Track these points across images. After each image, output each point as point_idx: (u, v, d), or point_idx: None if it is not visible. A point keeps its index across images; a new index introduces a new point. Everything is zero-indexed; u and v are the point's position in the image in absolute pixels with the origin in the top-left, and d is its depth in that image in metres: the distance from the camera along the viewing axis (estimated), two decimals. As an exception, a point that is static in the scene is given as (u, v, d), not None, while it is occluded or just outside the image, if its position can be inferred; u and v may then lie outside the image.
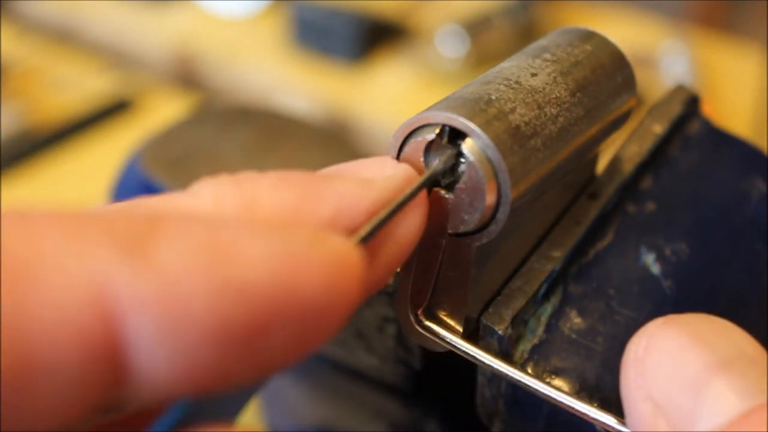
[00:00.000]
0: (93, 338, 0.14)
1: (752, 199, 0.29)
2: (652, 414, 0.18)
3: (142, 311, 0.14)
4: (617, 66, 0.25)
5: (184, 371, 0.15)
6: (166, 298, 0.14)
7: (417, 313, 0.23)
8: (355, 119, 1.10)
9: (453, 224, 0.22)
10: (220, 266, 0.15)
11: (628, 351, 0.19)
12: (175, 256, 0.15)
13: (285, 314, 0.15)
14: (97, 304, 0.14)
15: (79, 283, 0.14)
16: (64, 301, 0.14)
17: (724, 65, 1.17)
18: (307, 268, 0.16)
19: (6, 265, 0.14)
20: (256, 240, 0.15)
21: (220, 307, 0.15)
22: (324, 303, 0.16)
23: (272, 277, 0.15)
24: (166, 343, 0.14)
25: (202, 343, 0.15)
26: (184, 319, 0.14)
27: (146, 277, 0.14)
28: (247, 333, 0.15)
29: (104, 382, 0.14)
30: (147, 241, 0.15)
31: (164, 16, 1.29)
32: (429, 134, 0.21)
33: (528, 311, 0.24)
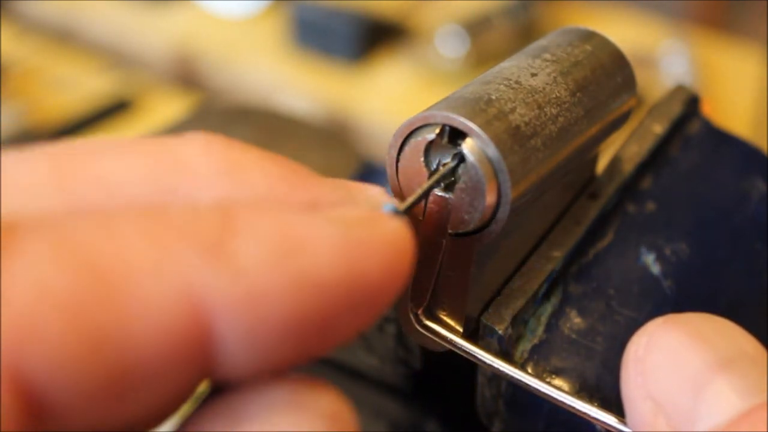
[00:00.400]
0: (186, 339, 0.15)
1: (752, 199, 0.29)
2: (653, 413, 0.18)
3: (228, 310, 0.15)
4: (617, 66, 0.25)
5: (265, 359, 0.16)
6: (249, 295, 0.15)
7: (417, 313, 0.23)
8: (355, 119, 1.10)
9: (453, 224, 0.22)
10: (293, 259, 0.15)
11: (629, 350, 0.19)
12: (252, 253, 0.15)
13: (353, 298, 0.16)
14: (188, 307, 0.15)
15: (170, 288, 0.14)
16: (159, 308, 0.14)
17: (724, 65, 1.17)
18: (371, 251, 0.16)
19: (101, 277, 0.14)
20: (323, 228, 0.16)
21: (296, 299, 0.15)
22: (385, 283, 0.16)
23: (341, 265, 0.16)
24: (251, 337, 0.15)
25: (281, 334, 0.15)
26: (266, 313, 0.15)
27: (229, 277, 0.15)
28: (321, 320, 0.16)
29: (195, 376, 0.15)
30: (224, 239, 0.15)
31: (164, 16, 1.29)
32: (429, 134, 0.21)
33: (528, 311, 0.24)
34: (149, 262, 0.14)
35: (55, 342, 0.13)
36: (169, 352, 0.14)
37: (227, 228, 0.15)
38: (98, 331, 0.14)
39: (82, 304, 0.14)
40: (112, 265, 0.14)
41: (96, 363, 0.14)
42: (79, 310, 0.14)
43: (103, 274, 0.14)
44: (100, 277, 0.14)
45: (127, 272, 0.14)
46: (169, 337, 0.14)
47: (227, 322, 0.15)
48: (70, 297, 0.14)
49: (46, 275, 0.14)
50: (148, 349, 0.14)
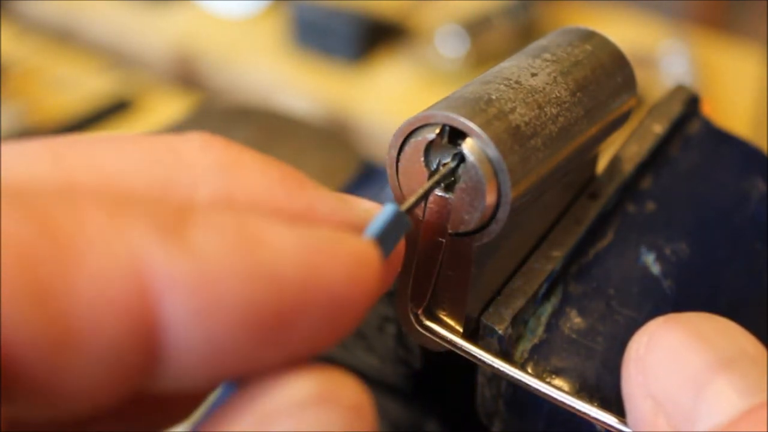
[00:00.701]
0: (131, 312, 0.14)
1: (752, 199, 0.29)
2: (653, 412, 0.18)
3: (177, 290, 0.15)
4: (617, 66, 0.25)
5: (214, 353, 0.15)
6: (201, 278, 0.15)
7: (417, 313, 0.23)
8: (355, 119, 1.10)
9: (453, 224, 0.22)
10: (252, 252, 0.15)
11: (630, 349, 0.19)
12: (210, 240, 0.15)
13: (310, 303, 0.16)
14: (136, 280, 0.14)
15: (120, 258, 0.14)
16: (106, 275, 0.14)
17: (724, 65, 1.17)
18: (332, 259, 0.16)
19: (53, 237, 0.14)
20: (285, 230, 0.16)
21: (251, 290, 0.15)
22: (346, 295, 0.16)
23: (300, 266, 0.16)
24: (199, 322, 0.15)
25: (232, 325, 0.15)
26: (217, 300, 0.15)
27: (183, 258, 0.15)
28: (275, 318, 0.15)
29: (139, 358, 0.15)
30: (183, 224, 0.15)
31: (164, 16, 1.29)
32: (429, 134, 0.21)
33: (528, 311, 0.24)
34: (102, 229, 0.14)
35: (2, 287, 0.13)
36: (112, 323, 0.14)
37: (187, 216, 0.15)
38: (43, 281, 0.14)
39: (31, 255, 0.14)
40: (66, 226, 0.14)
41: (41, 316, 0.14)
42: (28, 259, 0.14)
43: (55, 231, 0.14)
44: (51, 232, 0.14)
45: (79, 233, 0.14)
46: (112, 306, 0.14)
47: (175, 300, 0.15)
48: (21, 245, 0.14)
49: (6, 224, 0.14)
50: (90, 313, 0.14)
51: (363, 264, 0.17)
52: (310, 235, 0.16)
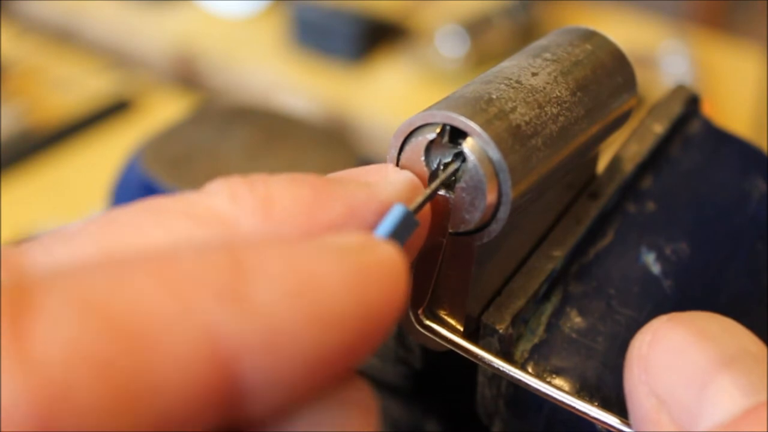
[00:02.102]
0: (212, 385, 0.15)
1: (752, 199, 0.29)
2: (656, 409, 0.18)
3: (249, 351, 0.15)
4: (618, 65, 0.25)
5: (288, 396, 0.16)
6: (269, 335, 0.15)
7: (417, 313, 0.23)
8: (355, 119, 1.10)
9: (454, 223, 0.22)
10: (305, 296, 0.15)
11: (632, 347, 0.19)
12: (266, 294, 0.15)
13: (364, 326, 0.16)
14: (211, 352, 0.15)
15: (192, 335, 0.15)
16: (184, 356, 0.14)
17: (724, 65, 1.17)
18: (375, 278, 0.16)
19: (125, 332, 0.14)
20: (329, 260, 0.16)
21: (314, 334, 0.15)
22: (389, 306, 0.17)
23: (350, 296, 0.16)
24: (274, 376, 0.15)
25: (302, 369, 0.15)
26: (287, 351, 0.15)
27: (247, 319, 0.15)
28: (338, 351, 0.16)
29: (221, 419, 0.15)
30: (236, 282, 0.15)
31: (164, 16, 1.29)
32: (430, 133, 0.21)
33: (528, 311, 0.24)
34: (168, 311, 0.15)
35: (89, 402, 0.13)
36: (196, 399, 0.14)
37: (238, 270, 0.15)
38: (129, 386, 0.14)
39: (110, 360, 0.14)
40: (133, 319, 0.14)
41: (129, 419, 0.14)
42: (108, 367, 0.14)
43: (126, 329, 0.14)
44: (123, 331, 0.14)
45: (149, 324, 0.14)
46: (195, 385, 0.14)
47: (249, 363, 0.15)
48: (99, 354, 0.14)
49: (72, 334, 0.14)
50: (176, 399, 0.14)
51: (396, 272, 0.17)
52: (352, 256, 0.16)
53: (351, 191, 0.19)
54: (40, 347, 0.13)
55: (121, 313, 0.14)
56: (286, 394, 0.16)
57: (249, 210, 0.17)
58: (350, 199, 0.19)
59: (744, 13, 1.88)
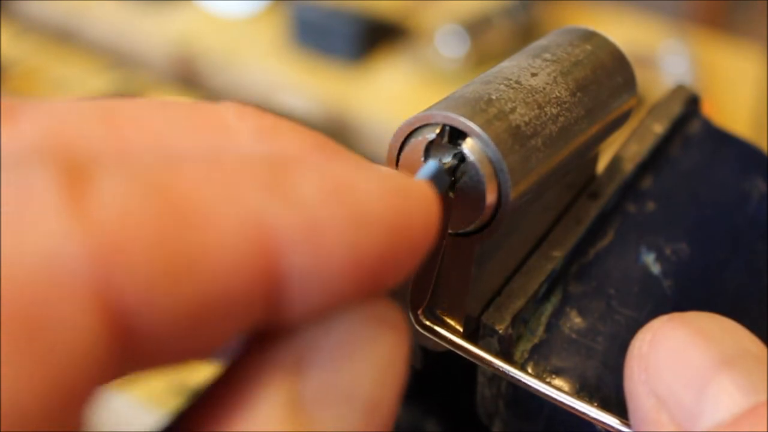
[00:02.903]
0: (258, 269, 0.15)
1: (752, 199, 0.29)
2: (655, 409, 0.18)
3: (294, 240, 0.15)
4: (618, 66, 0.25)
5: (326, 295, 0.16)
6: (312, 226, 0.15)
7: (417, 313, 0.23)
8: (355, 119, 1.10)
9: (454, 224, 0.22)
10: (348, 199, 0.16)
11: (632, 347, 0.19)
12: (309, 188, 0.15)
13: (398, 240, 0.16)
14: (259, 236, 0.15)
15: (243, 217, 0.15)
16: (234, 236, 0.15)
17: (724, 65, 1.17)
18: (412, 202, 0.17)
19: (178, 208, 0.14)
20: (369, 175, 0.16)
21: (353, 232, 0.16)
22: (423, 236, 0.17)
23: (389, 210, 0.16)
24: (315, 270, 0.15)
25: (340, 268, 0.15)
26: (328, 244, 0.15)
27: (292, 208, 0.15)
28: (374, 256, 0.16)
29: (261, 311, 0.15)
30: (280, 177, 0.15)
31: (164, 16, 1.29)
32: (429, 134, 0.21)
33: (528, 311, 0.24)
34: (219, 194, 0.15)
35: (143, 267, 0.14)
36: (243, 283, 0.15)
37: (280, 169, 0.16)
38: (181, 259, 0.14)
39: (164, 231, 0.14)
40: (187, 198, 0.15)
41: (178, 292, 0.14)
42: (162, 237, 0.14)
43: (180, 205, 0.14)
44: (177, 207, 0.14)
45: (202, 204, 0.15)
46: (243, 267, 0.15)
47: (292, 254, 0.15)
48: (154, 224, 0.14)
49: (129, 202, 0.14)
50: (224, 279, 0.14)
51: (433, 206, 0.17)
52: (390, 177, 0.17)
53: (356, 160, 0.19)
54: (98, 208, 0.14)
55: (172, 190, 0.15)
56: (323, 292, 0.16)
57: (250, 128, 0.18)
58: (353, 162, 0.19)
59: (744, 13, 1.88)
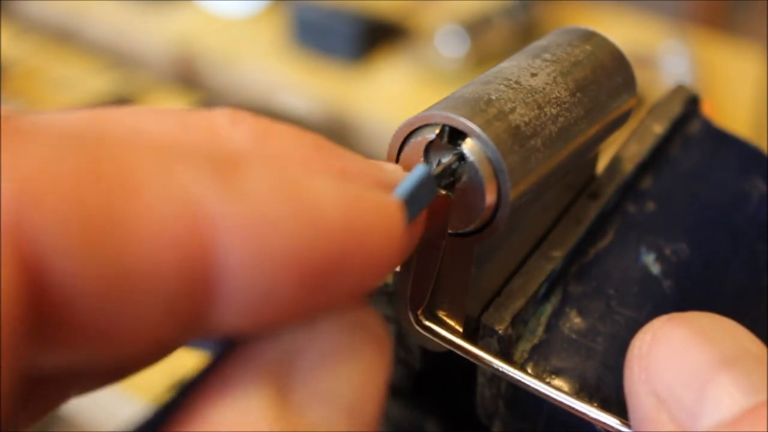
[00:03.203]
0: (187, 253, 0.14)
1: (752, 199, 0.29)
2: (656, 409, 0.18)
3: (232, 232, 0.15)
4: (617, 66, 0.25)
5: (264, 297, 0.15)
6: (255, 221, 0.15)
7: (417, 313, 0.23)
8: (355, 119, 1.10)
9: (453, 224, 0.22)
10: (301, 198, 0.15)
11: (633, 346, 0.19)
12: (262, 184, 0.15)
13: (351, 253, 0.16)
14: (192, 221, 0.14)
15: (176, 197, 0.14)
16: (163, 216, 0.14)
17: (724, 65, 1.17)
18: (371, 212, 0.16)
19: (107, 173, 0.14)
20: (329, 180, 0.16)
21: (301, 235, 0.15)
22: (378, 248, 0.16)
23: (343, 215, 0.16)
24: (253, 265, 0.15)
25: (282, 269, 0.15)
26: (270, 243, 0.15)
27: (237, 200, 0.15)
28: (322, 267, 0.15)
29: (192, 301, 0.15)
30: (234, 168, 0.15)
31: (164, 16, 1.29)
32: (429, 134, 0.21)
33: (528, 311, 0.24)
34: (158, 169, 0.14)
35: (59, 215, 0.13)
36: (168, 263, 0.14)
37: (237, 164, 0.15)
38: (100, 218, 0.14)
39: (86, 186, 0.14)
40: (120, 164, 0.14)
41: (95, 252, 0.13)
42: (82, 191, 0.14)
43: (109, 168, 0.14)
44: (106, 170, 0.14)
45: (132, 173, 0.14)
46: (168, 247, 0.14)
47: (229, 245, 0.14)
48: (75, 177, 0.14)
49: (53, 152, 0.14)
50: (146, 254, 0.14)
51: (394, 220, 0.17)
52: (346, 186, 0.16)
53: (351, 158, 0.19)
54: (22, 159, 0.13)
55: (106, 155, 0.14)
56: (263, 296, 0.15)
57: (245, 134, 0.17)
58: (348, 162, 0.18)
59: (744, 13, 1.88)
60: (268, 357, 0.16)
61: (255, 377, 0.15)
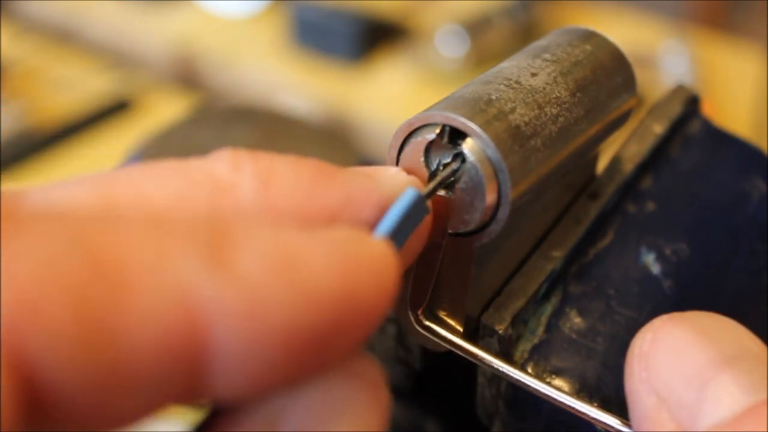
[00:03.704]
0: (180, 343, 0.14)
1: (752, 199, 0.29)
2: (656, 408, 0.18)
3: (225, 318, 0.15)
4: (617, 66, 0.25)
5: (258, 375, 0.15)
6: (248, 305, 0.15)
7: (417, 313, 0.23)
8: (355, 119, 1.10)
9: (453, 224, 0.22)
10: (292, 274, 0.15)
11: (633, 346, 0.19)
12: (251, 263, 0.15)
13: (345, 316, 0.16)
14: (186, 311, 0.14)
15: (169, 289, 0.14)
16: (156, 307, 0.14)
17: (724, 65, 1.17)
18: (363, 271, 0.16)
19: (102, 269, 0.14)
20: (317, 245, 0.16)
21: (295, 311, 0.15)
22: (376, 299, 0.16)
23: (335, 282, 0.16)
24: (247, 347, 0.15)
25: (277, 349, 0.15)
26: (264, 325, 0.15)
27: (229, 286, 0.15)
28: (317, 337, 0.16)
29: (185, 384, 0.15)
30: (223, 250, 0.15)
31: (164, 16, 1.29)
32: (429, 134, 0.21)
33: (528, 311, 0.24)
34: (147, 260, 0.14)
35: (57, 324, 0.13)
36: (162, 355, 0.14)
37: (224, 239, 0.15)
38: (98, 320, 0.14)
39: (84, 289, 0.14)
40: (115, 257, 0.14)
41: (94, 354, 0.14)
42: (81, 295, 0.14)
43: (105, 264, 0.14)
44: (102, 266, 0.14)
45: (129, 265, 0.14)
46: (163, 339, 0.14)
47: (222, 329, 0.15)
48: (73, 280, 0.14)
49: (50, 254, 0.14)
50: (142, 350, 0.14)
51: (386, 269, 0.17)
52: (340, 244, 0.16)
53: (352, 180, 0.19)
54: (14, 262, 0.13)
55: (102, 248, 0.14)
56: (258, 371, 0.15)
57: (248, 179, 0.17)
58: (351, 187, 0.19)
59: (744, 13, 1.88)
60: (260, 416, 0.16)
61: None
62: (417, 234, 0.20)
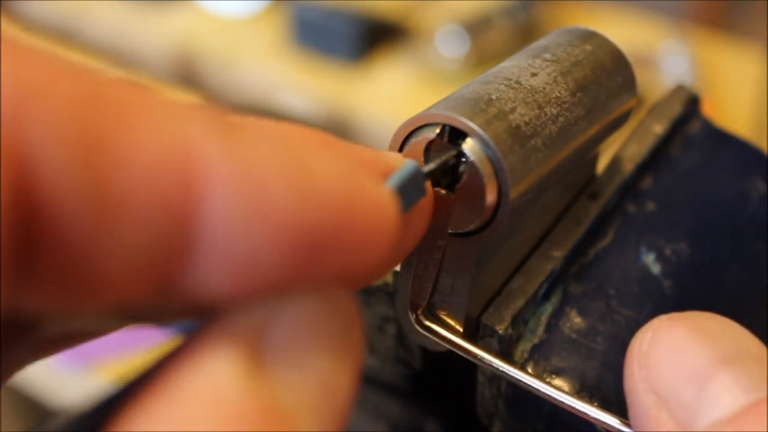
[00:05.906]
0: (175, 192, 0.14)
1: (752, 199, 0.29)
2: (656, 407, 0.18)
3: (224, 187, 0.14)
4: (618, 66, 0.25)
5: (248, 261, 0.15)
6: (252, 180, 0.14)
7: (417, 313, 0.23)
8: (355, 119, 1.10)
9: (454, 224, 0.22)
10: (301, 168, 0.15)
11: (633, 345, 0.20)
12: (265, 147, 0.15)
13: (343, 232, 0.15)
14: (185, 165, 0.14)
15: (173, 139, 0.14)
16: (157, 151, 0.14)
17: (724, 65, 1.17)
18: (368, 197, 0.16)
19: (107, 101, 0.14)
20: (331, 157, 0.16)
21: (295, 202, 0.15)
22: (371, 235, 0.16)
23: (341, 193, 0.15)
24: (239, 221, 0.14)
25: (271, 234, 0.15)
26: (263, 205, 0.14)
27: (237, 157, 0.14)
28: (312, 240, 0.15)
29: (173, 248, 0.14)
30: (236, 128, 0.15)
31: (164, 16, 1.29)
32: (429, 134, 0.21)
33: (528, 311, 0.24)
34: (159, 114, 0.14)
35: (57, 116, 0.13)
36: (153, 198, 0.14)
37: (240, 124, 0.15)
38: (97, 136, 0.13)
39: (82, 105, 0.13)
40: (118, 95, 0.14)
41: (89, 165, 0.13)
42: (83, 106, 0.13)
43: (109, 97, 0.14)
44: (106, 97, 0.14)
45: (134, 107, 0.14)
46: (157, 179, 0.14)
47: (219, 195, 0.14)
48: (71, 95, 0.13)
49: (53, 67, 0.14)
50: (135, 181, 0.14)
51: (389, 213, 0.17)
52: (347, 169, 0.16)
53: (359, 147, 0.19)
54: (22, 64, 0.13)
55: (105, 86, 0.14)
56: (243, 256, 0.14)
57: None
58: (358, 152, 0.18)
59: (744, 13, 1.88)
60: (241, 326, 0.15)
61: (226, 345, 0.15)
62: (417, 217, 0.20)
